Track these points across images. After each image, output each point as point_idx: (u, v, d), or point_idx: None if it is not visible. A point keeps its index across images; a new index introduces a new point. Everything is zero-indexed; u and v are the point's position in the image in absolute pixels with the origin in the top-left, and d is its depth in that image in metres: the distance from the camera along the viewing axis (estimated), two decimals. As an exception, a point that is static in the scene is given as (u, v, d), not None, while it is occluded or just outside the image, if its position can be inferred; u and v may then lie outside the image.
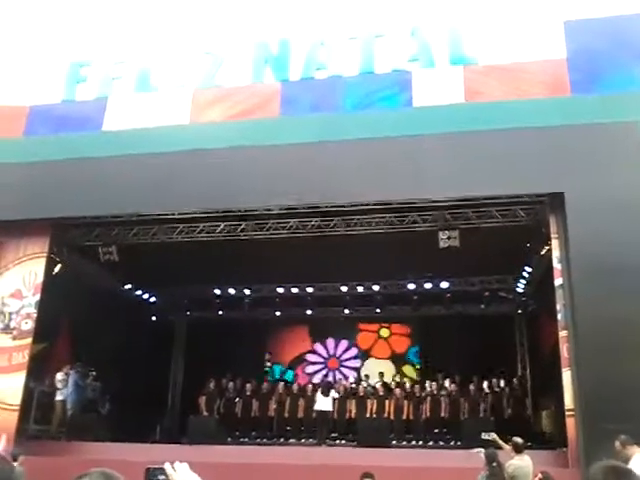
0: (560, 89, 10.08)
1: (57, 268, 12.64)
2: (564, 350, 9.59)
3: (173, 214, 11.83)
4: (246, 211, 11.57)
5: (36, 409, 12.60)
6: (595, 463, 2.12)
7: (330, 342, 18.97)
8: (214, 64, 11.64)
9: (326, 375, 18.16)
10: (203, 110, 11.26)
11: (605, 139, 9.59)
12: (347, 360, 18.73)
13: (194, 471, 2.13)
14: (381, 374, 16.94)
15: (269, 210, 11.50)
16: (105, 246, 12.58)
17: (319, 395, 13.17)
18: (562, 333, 9.72)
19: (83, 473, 1.64)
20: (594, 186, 9.36)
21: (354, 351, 18.74)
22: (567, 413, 9.32)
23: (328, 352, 18.95)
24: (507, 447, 7.68)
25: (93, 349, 13.77)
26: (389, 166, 10.10)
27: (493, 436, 8.28)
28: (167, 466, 2.09)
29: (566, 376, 9.43)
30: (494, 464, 7.14)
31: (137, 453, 9.48)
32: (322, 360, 18.85)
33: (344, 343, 18.90)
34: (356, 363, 18.53)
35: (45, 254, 11.79)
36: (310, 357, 18.94)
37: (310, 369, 18.73)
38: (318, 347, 18.98)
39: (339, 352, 18.89)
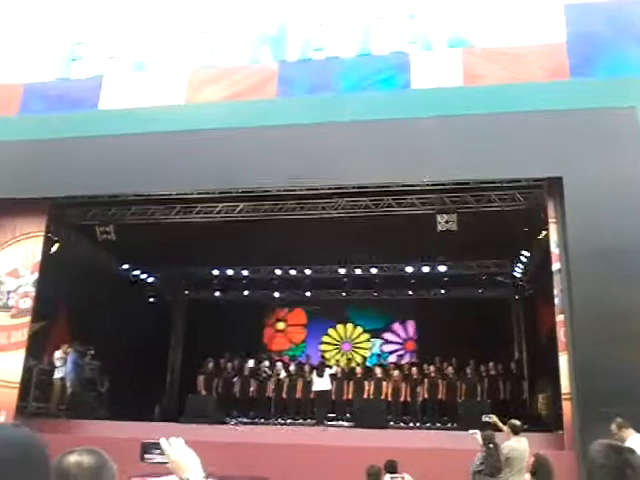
0: (559, 73, 10.01)
1: (54, 247, 12.64)
2: (561, 334, 9.61)
3: (170, 194, 11.80)
4: (243, 192, 11.51)
5: (35, 387, 12.66)
6: (596, 442, 2.13)
7: (410, 324, 18.63)
8: (211, 44, 11.53)
9: (401, 356, 17.82)
10: (199, 90, 11.17)
11: (604, 124, 9.53)
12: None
13: (191, 449, 2.15)
14: (379, 357, 17.12)
15: (267, 191, 11.46)
16: (102, 225, 12.58)
17: (315, 376, 13.27)
18: (559, 317, 9.74)
19: (70, 450, 1.66)
20: (592, 171, 9.34)
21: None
22: (563, 396, 9.38)
23: (407, 334, 18.66)
24: (505, 429, 7.75)
25: (91, 328, 13.81)
26: (387, 148, 10.06)
27: (493, 418, 8.37)
28: (162, 441, 2.11)
29: (563, 360, 9.48)
30: (491, 445, 7.21)
31: (135, 431, 9.53)
32: (400, 341, 18.58)
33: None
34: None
35: (42, 233, 11.77)
36: (387, 336, 18.69)
37: (387, 348, 18.46)
38: (397, 327, 18.66)
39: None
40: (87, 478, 1.61)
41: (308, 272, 17.07)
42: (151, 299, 18.02)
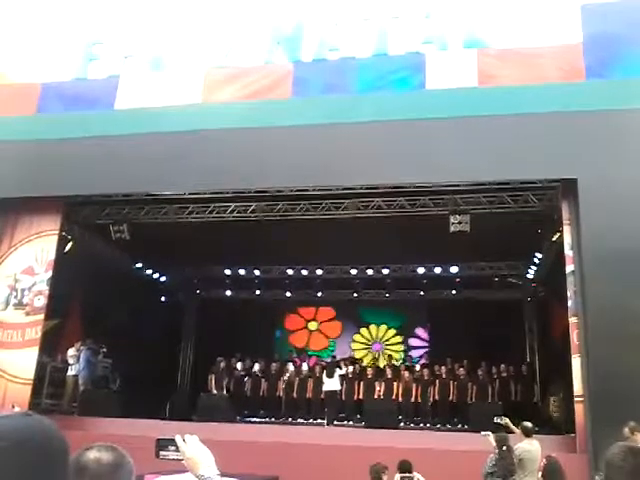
0: (575, 74, 9.94)
1: (69, 246, 12.74)
2: (574, 337, 9.55)
3: (184, 194, 11.87)
4: (257, 192, 11.56)
5: (48, 384, 12.79)
6: (613, 445, 2.11)
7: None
8: (226, 44, 11.57)
9: (411, 357, 17.55)
10: (215, 90, 11.21)
11: (619, 126, 9.48)
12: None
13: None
14: (390, 357, 17.06)
15: (280, 192, 11.48)
16: (116, 224, 12.66)
17: (325, 377, 13.27)
18: (572, 320, 9.68)
19: (88, 446, 1.68)
20: (607, 173, 9.28)
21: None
22: (576, 399, 9.33)
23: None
24: (517, 431, 7.71)
25: (104, 326, 13.91)
26: (401, 149, 10.05)
27: (505, 420, 8.32)
28: (177, 438, 2.13)
29: (576, 363, 9.41)
30: (504, 447, 7.17)
31: (147, 429, 9.59)
32: (425, 344, 18.45)
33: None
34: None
35: (57, 232, 11.86)
36: (413, 341, 18.51)
37: (413, 352, 18.22)
38: (420, 331, 18.51)
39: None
40: (105, 474, 1.62)
41: (320, 272, 17.07)
42: (163, 298, 18.09)
